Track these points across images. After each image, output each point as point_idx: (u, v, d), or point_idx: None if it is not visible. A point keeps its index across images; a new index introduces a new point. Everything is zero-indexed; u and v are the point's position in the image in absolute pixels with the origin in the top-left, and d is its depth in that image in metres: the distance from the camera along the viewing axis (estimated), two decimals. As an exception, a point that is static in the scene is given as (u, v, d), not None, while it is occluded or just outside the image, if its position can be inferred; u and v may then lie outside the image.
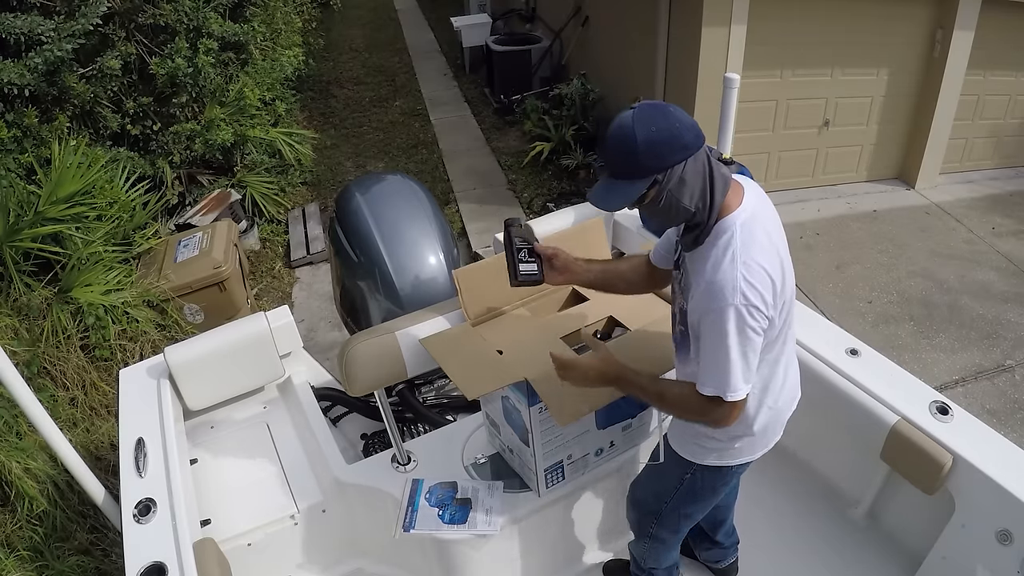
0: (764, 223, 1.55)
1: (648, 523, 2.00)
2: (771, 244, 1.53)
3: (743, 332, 1.48)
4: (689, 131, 1.44)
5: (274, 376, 2.61)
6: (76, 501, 2.90)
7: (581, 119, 6.34)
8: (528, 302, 2.22)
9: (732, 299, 1.45)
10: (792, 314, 1.66)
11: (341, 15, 10.59)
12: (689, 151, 1.44)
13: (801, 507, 2.50)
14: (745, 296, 1.45)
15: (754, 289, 1.46)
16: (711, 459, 1.78)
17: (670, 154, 1.43)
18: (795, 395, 1.85)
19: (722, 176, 1.51)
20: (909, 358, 4.03)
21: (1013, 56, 5.71)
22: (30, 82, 3.84)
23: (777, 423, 1.80)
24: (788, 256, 1.62)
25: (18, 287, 3.50)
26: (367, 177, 3.19)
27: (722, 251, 1.49)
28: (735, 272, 1.46)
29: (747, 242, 1.49)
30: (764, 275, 1.48)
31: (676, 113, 1.45)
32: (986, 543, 1.90)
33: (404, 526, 2.09)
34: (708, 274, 1.49)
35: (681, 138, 1.43)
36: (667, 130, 1.43)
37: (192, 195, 5.12)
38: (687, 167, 1.44)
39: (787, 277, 1.56)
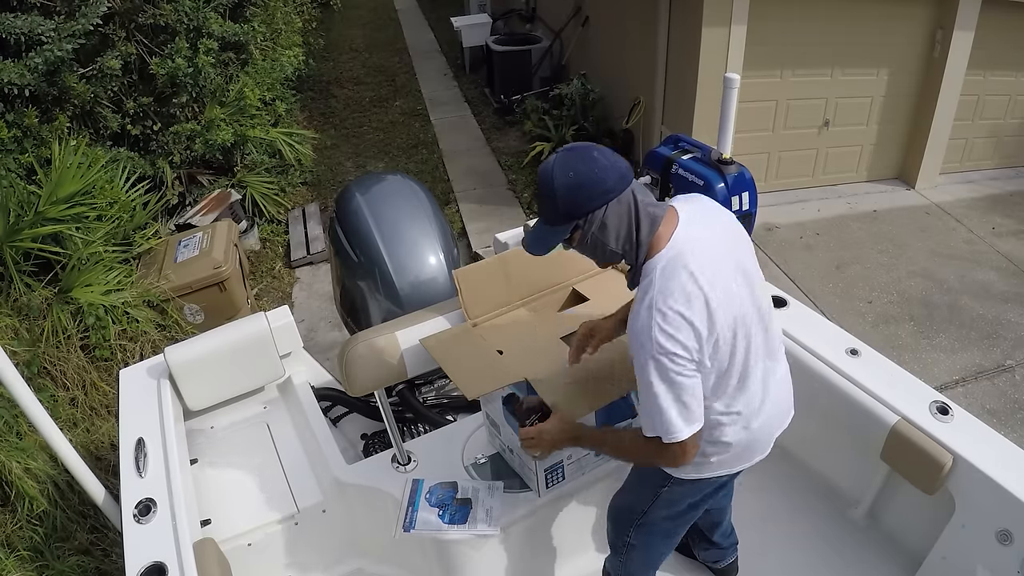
0: (697, 257, 1.50)
1: (624, 533, 1.95)
2: (697, 283, 1.48)
3: (668, 379, 1.48)
4: (611, 174, 1.46)
5: (274, 376, 2.61)
6: (76, 501, 2.90)
7: (581, 119, 6.34)
8: (528, 302, 2.22)
9: (650, 349, 1.46)
10: (755, 341, 1.61)
11: (341, 15, 10.59)
12: (610, 195, 1.46)
13: (801, 507, 2.50)
14: (661, 346, 1.45)
15: (671, 338, 1.45)
16: (687, 471, 1.74)
17: (589, 199, 1.46)
18: (781, 411, 1.79)
19: (649, 216, 1.50)
20: (909, 358, 4.03)
21: (1013, 56, 5.71)
22: (30, 82, 3.84)
23: (757, 442, 1.75)
24: (741, 279, 1.57)
25: (18, 287, 3.50)
26: (367, 177, 3.19)
27: (641, 298, 1.49)
28: (651, 322, 1.45)
29: (664, 288, 1.47)
30: (681, 321, 1.45)
31: (598, 157, 1.47)
32: (986, 543, 1.90)
33: (404, 526, 2.09)
34: (631, 322, 1.50)
35: (602, 183, 1.45)
36: (586, 175, 1.45)
37: (192, 195, 5.12)
38: (609, 211, 1.47)
39: (723, 312, 1.50)
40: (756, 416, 1.69)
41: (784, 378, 1.80)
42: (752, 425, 1.70)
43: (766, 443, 1.78)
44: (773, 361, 1.73)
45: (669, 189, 2.58)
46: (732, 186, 2.67)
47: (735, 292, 1.55)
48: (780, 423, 1.80)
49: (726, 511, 2.24)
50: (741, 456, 1.75)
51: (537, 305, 2.22)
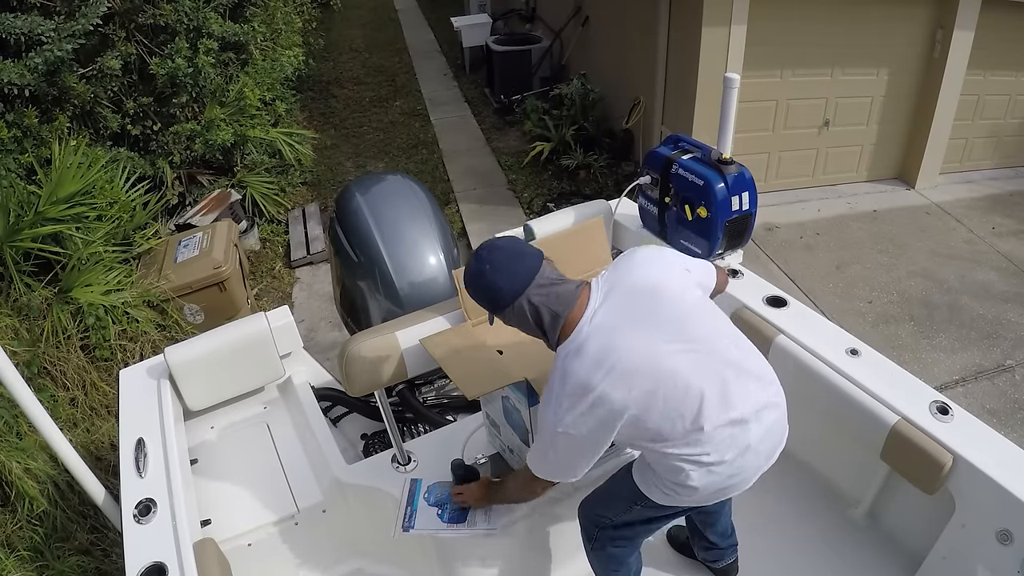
0: (602, 341, 1.58)
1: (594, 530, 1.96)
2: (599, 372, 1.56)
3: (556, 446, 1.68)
4: (497, 291, 1.63)
5: (274, 376, 2.61)
6: (76, 501, 2.90)
7: (581, 119, 6.34)
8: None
9: (547, 425, 1.64)
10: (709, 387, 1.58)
11: (341, 15, 10.59)
12: (503, 304, 1.64)
13: (801, 507, 2.50)
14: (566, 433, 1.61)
15: (569, 432, 1.61)
16: (659, 499, 1.75)
17: (488, 305, 1.68)
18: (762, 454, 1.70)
19: (552, 314, 1.62)
20: (909, 358, 4.03)
21: (1013, 56, 5.71)
22: (30, 82, 3.84)
23: (731, 484, 1.69)
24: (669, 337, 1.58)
25: (18, 287, 3.50)
26: (367, 177, 3.19)
27: (549, 384, 1.64)
28: (556, 414, 1.61)
29: (562, 384, 1.60)
30: (578, 416, 1.58)
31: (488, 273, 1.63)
32: (986, 543, 1.90)
33: (404, 526, 2.09)
34: (542, 399, 1.68)
35: (489, 295, 1.65)
36: (479, 290, 1.67)
37: (192, 195, 5.12)
38: (507, 315, 1.66)
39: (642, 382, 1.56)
40: (728, 464, 1.64)
41: (774, 424, 1.70)
42: (723, 471, 1.64)
43: (743, 482, 1.72)
44: (752, 405, 1.64)
45: (669, 189, 2.58)
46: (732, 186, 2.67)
47: (654, 362, 1.57)
48: (765, 462, 1.73)
49: (721, 513, 2.21)
50: (714, 495, 1.72)
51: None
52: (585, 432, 1.60)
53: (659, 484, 1.73)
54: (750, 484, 1.75)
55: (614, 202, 2.94)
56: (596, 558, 2.03)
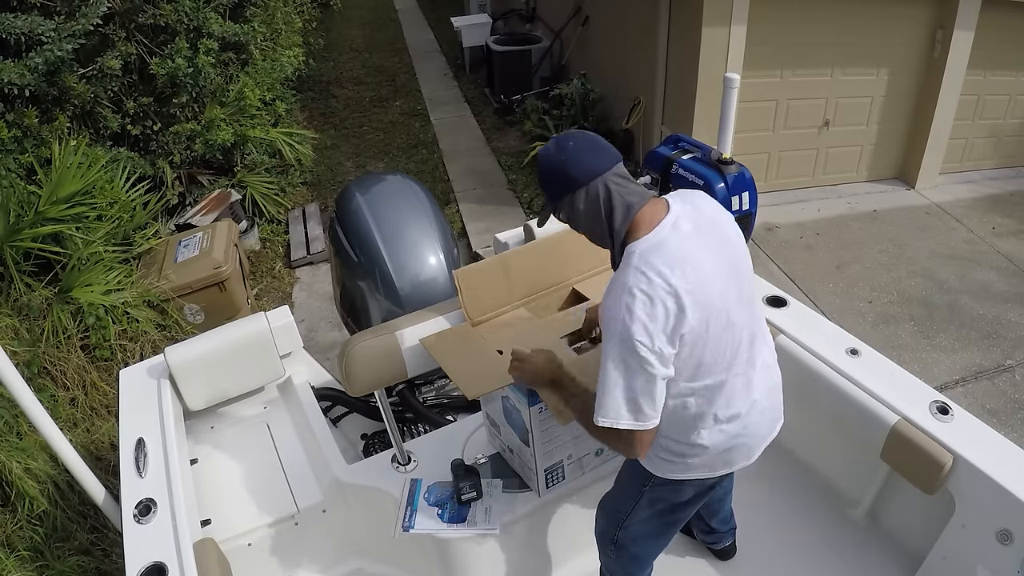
0: (677, 248, 1.51)
1: (612, 531, 1.95)
2: (669, 275, 1.47)
3: (625, 363, 1.48)
4: (576, 168, 1.55)
5: (274, 376, 2.61)
6: (76, 501, 2.90)
7: (581, 119, 6.34)
8: (528, 302, 2.22)
9: (615, 329, 1.47)
10: (732, 340, 1.59)
11: (341, 15, 10.59)
12: (574, 185, 1.56)
13: (801, 507, 2.50)
14: (627, 328, 1.45)
15: (638, 322, 1.45)
16: (665, 470, 1.74)
17: (558, 185, 1.59)
18: (767, 421, 1.76)
19: (625, 206, 1.55)
20: (909, 358, 4.03)
21: (1013, 56, 5.71)
22: (30, 82, 3.84)
23: (739, 447, 1.72)
24: (724, 275, 1.57)
25: (18, 287, 3.50)
26: (367, 177, 3.19)
27: (616, 279, 1.53)
28: (621, 302, 1.47)
29: (638, 272, 1.48)
30: (648, 310, 1.45)
31: (572, 148, 1.56)
32: (986, 543, 1.90)
33: (404, 526, 2.09)
34: (604, 302, 1.53)
35: (564, 174, 1.56)
36: (554, 165, 1.58)
37: (192, 195, 5.12)
38: (575, 199, 1.57)
39: (697, 306, 1.49)
40: (737, 420, 1.67)
41: (774, 388, 1.78)
42: (731, 429, 1.67)
43: (749, 450, 1.75)
44: (762, 371, 1.71)
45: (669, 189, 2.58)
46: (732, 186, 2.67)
47: (715, 293, 1.53)
48: (767, 432, 1.77)
49: (725, 501, 2.25)
50: (721, 460, 1.72)
51: (537, 305, 2.22)
52: (654, 330, 1.45)
53: (664, 452, 1.71)
54: (753, 459, 1.77)
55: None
56: (618, 562, 2.01)
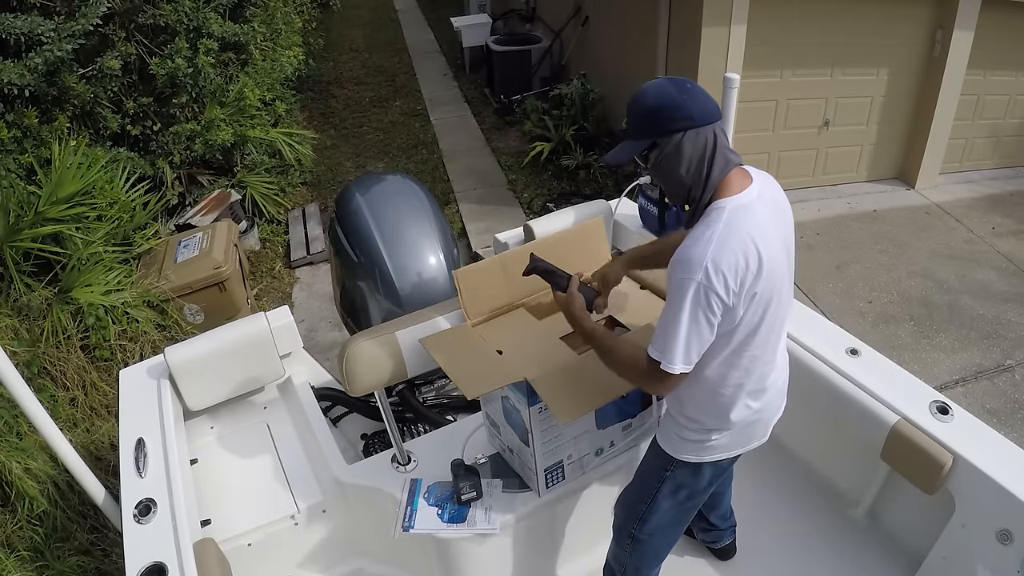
0: (761, 216, 1.55)
1: (631, 524, 1.98)
2: (757, 239, 1.51)
3: (695, 310, 1.49)
4: (698, 106, 1.50)
5: (274, 376, 2.61)
6: (76, 501, 2.90)
7: (581, 119, 6.34)
8: (528, 302, 2.22)
9: (695, 274, 1.47)
10: (779, 316, 1.65)
11: (341, 15, 10.60)
12: (691, 123, 1.50)
13: (801, 507, 2.50)
14: (708, 275, 1.46)
15: (719, 273, 1.47)
16: (688, 453, 1.80)
17: (670, 121, 1.51)
18: (781, 403, 1.86)
19: (725, 159, 1.53)
20: (909, 358, 4.03)
21: (1013, 56, 5.71)
22: (30, 82, 3.84)
23: (758, 424, 1.80)
24: (785, 256, 1.62)
25: (18, 287, 3.50)
26: (367, 177, 3.19)
27: (703, 228, 1.52)
28: (707, 251, 1.47)
29: (730, 227, 1.50)
30: (734, 262, 1.48)
31: (692, 89, 1.52)
32: (986, 543, 1.90)
33: (404, 526, 2.09)
34: (685, 246, 1.52)
35: (685, 109, 1.50)
36: (674, 99, 1.51)
37: (192, 195, 5.12)
38: (686, 138, 1.51)
39: (768, 275, 1.54)
40: (762, 395, 1.74)
41: (785, 366, 1.85)
42: (755, 404, 1.74)
43: (765, 426, 1.82)
44: (784, 350, 1.80)
45: (669, 189, 2.59)
46: (732, 186, 2.69)
47: (780, 266, 1.59)
48: (778, 408, 1.85)
49: (725, 495, 2.27)
50: (743, 437, 1.79)
51: (537, 305, 2.22)
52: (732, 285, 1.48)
53: (692, 432, 1.77)
54: (766, 437, 1.85)
55: (614, 202, 2.94)
56: (633, 557, 2.03)
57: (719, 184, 1.54)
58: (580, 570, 2.39)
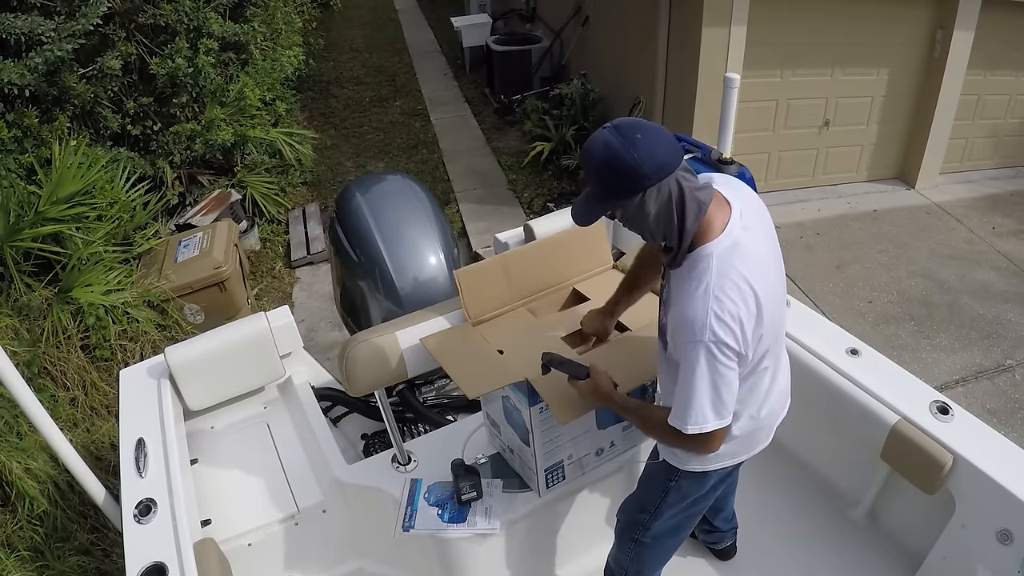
0: (750, 248, 1.50)
1: (634, 530, 1.98)
2: (751, 279, 1.47)
3: (713, 368, 1.46)
4: (649, 164, 1.38)
5: (274, 376, 2.61)
6: (76, 501, 2.90)
7: (581, 119, 6.34)
8: (528, 302, 2.22)
9: (701, 336, 1.44)
10: (780, 329, 1.66)
11: (341, 15, 10.59)
12: (647, 182, 1.39)
13: (801, 507, 2.50)
14: (715, 333, 1.44)
15: (725, 326, 1.44)
16: (692, 464, 1.79)
17: (624, 185, 1.41)
18: (785, 401, 1.86)
19: (697, 204, 1.45)
20: (909, 358, 4.03)
21: (1013, 56, 5.71)
22: (30, 82, 3.84)
23: (762, 430, 1.80)
24: (778, 274, 1.61)
25: (18, 287, 3.50)
26: (367, 177, 3.19)
27: (696, 283, 1.46)
28: (707, 307, 1.44)
29: (722, 275, 1.45)
30: (736, 312, 1.45)
31: (642, 141, 1.39)
32: (986, 543, 1.90)
33: (404, 526, 2.09)
34: (681, 305, 1.48)
35: (636, 171, 1.38)
36: (623, 161, 1.38)
37: (192, 195, 5.12)
38: (647, 197, 1.41)
39: (771, 305, 1.52)
40: (763, 404, 1.73)
41: (787, 366, 1.85)
42: (760, 414, 1.73)
43: (769, 431, 1.82)
44: (783, 352, 1.79)
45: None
46: (732, 186, 2.68)
47: (776, 286, 1.58)
48: (782, 409, 1.84)
49: (729, 499, 2.27)
50: (746, 444, 1.78)
51: (537, 305, 2.22)
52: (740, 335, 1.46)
53: None
54: (769, 440, 1.84)
55: (614, 202, 2.94)
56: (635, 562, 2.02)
57: (699, 228, 1.47)
58: (580, 570, 2.39)
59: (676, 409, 1.54)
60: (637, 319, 2.08)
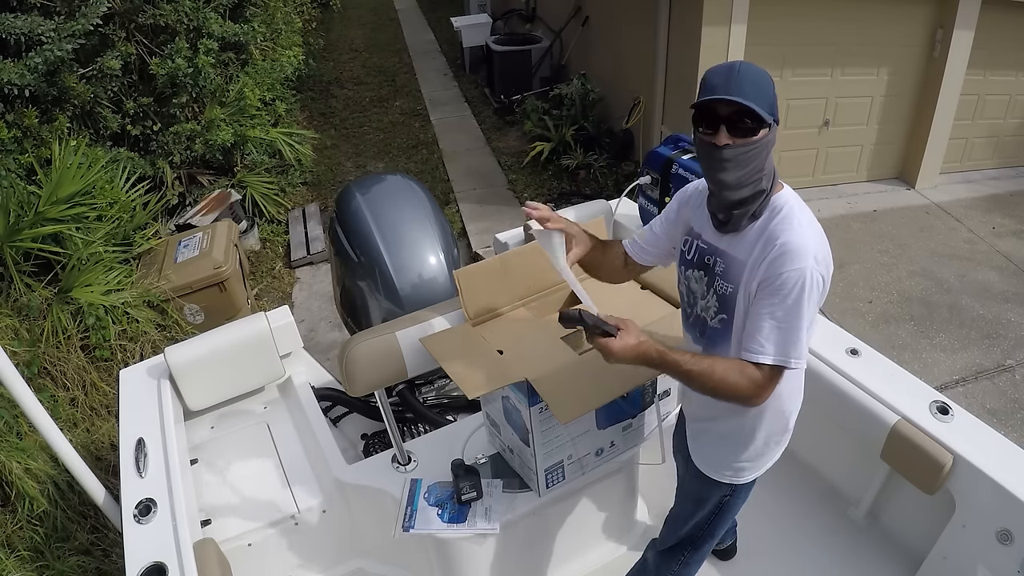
0: None
1: (683, 549, 1.94)
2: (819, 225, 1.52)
3: (811, 298, 1.41)
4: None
5: (274, 376, 2.61)
6: (76, 501, 2.90)
7: (581, 119, 6.34)
8: (528, 302, 2.22)
9: (807, 261, 1.40)
10: None
11: (341, 15, 10.60)
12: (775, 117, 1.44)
13: (801, 507, 2.50)
14: (818, 261, 1.41)
15: (824, 258, 1.44)
16: (747, 476, 1.77)
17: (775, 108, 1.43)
18: None
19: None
20: (909, 358, 4.03)
21: (1013, 56, 5.71)
22: (30, 82, 3.84)
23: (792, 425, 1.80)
24: None
25: (18, 287, 3.50)
26: (367, 177, 3.19)
27: (788, 218, 1.47)
28: (809, 236, 1.43)
29: (809, 216, 1.50)
30: (825, 246, 1.47)
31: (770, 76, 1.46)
32: (986, 543, 1.90)
33: (404, 526, 2.09)
34: (781, 237, 1.43)
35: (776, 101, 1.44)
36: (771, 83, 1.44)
37: (192, 195, 5.12)
38: (773, 128, 1.44)
39: None
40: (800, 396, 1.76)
41: None
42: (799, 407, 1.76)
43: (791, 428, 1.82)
44: None
45: (669, 189, 2.59)
46: (732, 186, 2.69)
47: None
48: None
49: None
50: (784, 444, 1.79)
51: (537, 305, 2.22)
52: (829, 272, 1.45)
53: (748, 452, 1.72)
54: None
55: (614, 202, 2.95)
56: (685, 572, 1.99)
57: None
58: (580, 570, 2.39)
59: (775, 343, 1.41)
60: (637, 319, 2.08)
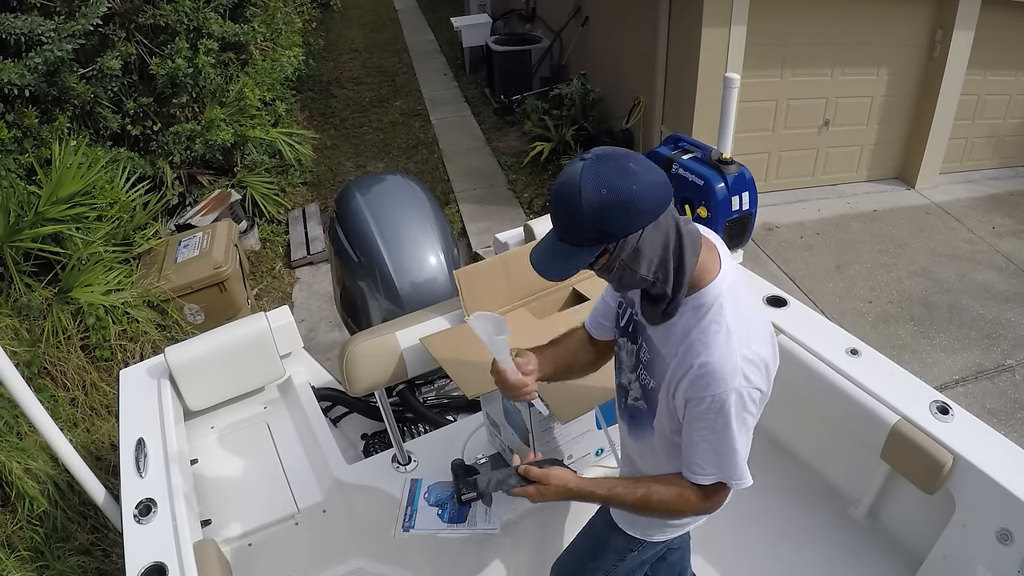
0: (747, 281, 1.39)
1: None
2: (760, 311, 1.39)
3: (744, 418, 1.32)
4: (649, 193, 1.19)
5: (274, 376, 2.61)
6: (77, 501, 2.90)
7: (581, 119, 6.34)
8: (528, 302, 2.22)
9: (733, 383, 1.28)
10: None
11: (341, 15, 10.59)
12: (646, 218, 1.20)
13: (801, 507, 2.50)
14: (748, 379, 1.29)
15: (756, 369, 1.30)
16: (656, 536, 1.68)
17: (621, 223, 1.19)
18: None
19: (692, 239, 1.29)
20: (909, 358, 4.03)
21: (1013, 56, 5.71)
22: (30, 82, 3.84)
23: None
24: None
25: (18, 287, 3.50)
26: (367, 177, 3.19)
27: (712, 328, 1.30)
28: (732, 351, 1.28)
29: (739, 314, 1.31)
30: (761, 351, 1.33)
31: (636, 170, 1.19)
32: (986, 543, 1.90)
33: (404, 526, 2.08)
34: (701, 356, 1.29)
35: (636, 204, 1.18)
36: (621, 193, 1.17)
37: (192, 195, 5.12)
38: (644, 235, 1.21)
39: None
40: None
41: None
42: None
43: None
44: None
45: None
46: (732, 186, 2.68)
47: None
48: None
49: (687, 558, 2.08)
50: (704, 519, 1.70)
51: (537, 305, 2.22)
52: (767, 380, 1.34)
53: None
54: None
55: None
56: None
57: (697, 267, 1.31)
58: (580, 570, 2.39)
59: (715, 464, 1.36)
60: None
